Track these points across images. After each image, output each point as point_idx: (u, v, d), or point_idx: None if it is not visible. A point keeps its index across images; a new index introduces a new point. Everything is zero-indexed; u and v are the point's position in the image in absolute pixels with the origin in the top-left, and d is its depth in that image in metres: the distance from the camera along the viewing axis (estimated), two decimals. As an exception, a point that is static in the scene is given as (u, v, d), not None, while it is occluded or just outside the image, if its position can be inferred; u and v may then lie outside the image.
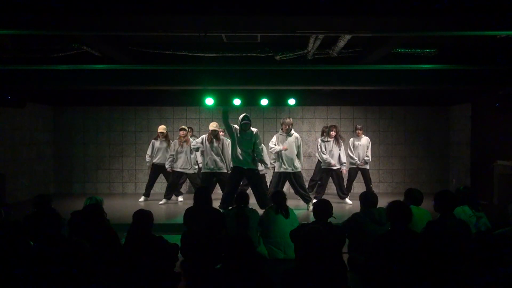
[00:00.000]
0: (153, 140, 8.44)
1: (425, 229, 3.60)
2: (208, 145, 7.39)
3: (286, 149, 7.24)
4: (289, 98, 9.40)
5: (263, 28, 4.85)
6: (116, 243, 3.76)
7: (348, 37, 5.41)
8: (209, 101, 9.35)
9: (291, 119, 7.48)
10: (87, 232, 3.58)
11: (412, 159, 10.01)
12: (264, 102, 9.40)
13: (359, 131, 8.42)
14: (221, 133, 7.93)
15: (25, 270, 2.77)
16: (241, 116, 6.62)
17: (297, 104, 9.60)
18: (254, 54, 6.54)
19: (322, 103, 9.95)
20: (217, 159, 7.34)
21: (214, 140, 7.40)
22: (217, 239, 4.46)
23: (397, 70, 6.96)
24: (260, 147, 6.72)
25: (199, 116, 9.98)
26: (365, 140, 8.41)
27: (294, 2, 4.19)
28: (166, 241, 3.69)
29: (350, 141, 8.42)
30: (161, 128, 8.38)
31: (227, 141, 8.03)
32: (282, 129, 7.41)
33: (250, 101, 9.52)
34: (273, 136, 9.51)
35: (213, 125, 7.45)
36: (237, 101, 9.34)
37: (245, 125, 6.54)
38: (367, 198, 4.34)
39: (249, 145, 6.61)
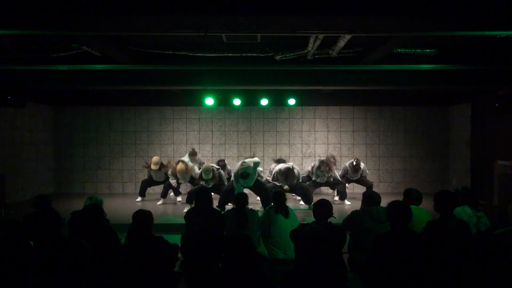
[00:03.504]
0: (148, 169, 8.32)
1: (425, 229, 3.60)
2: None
3: (287, 190, 7.32)
4: (289, 98, 9.42)
5: (263, 28, 4.84)
6: (116, 243, 3.76)
7: (348, 37, 5.41)
8: (209, 101, 9.37)
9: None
10: (87, 232, 3.58)
11: (412, 159, 10.01)
12: (264, 102, 9.42)
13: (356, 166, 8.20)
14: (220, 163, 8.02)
15: (25, 270, 2.77)
16: (242, 169, 6.71)
17: (297, 104, 9.61)
18: (254, 54, 6.54)
19: (322, 103, 9.94)
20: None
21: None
22: (217, 239, 4.46)
23: (397, 70, 6.96)
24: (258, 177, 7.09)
25: (199, 116, 9.97)
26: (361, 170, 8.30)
27: (294, 2, 4.19)
28: (166, 241, 3.68)
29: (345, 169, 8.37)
30: (154, 164, 8.08)
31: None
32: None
33: (250, 101, 9.53)
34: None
35: (205, 173, 6.99)
36: (237, 101, 9.36)
37: (243, 176, 6.68)
38: (372, 197, 4.34)
39: (250, 182, 6.86)
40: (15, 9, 4.10)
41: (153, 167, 8.11)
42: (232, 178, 7.01)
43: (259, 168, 7.89)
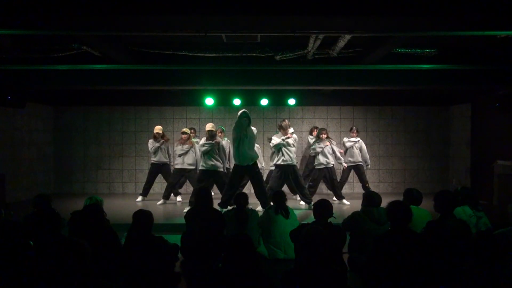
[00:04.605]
0: (151, 140, 8.38)
1: (425, 229, 3.60)
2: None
3: (289, 137, 7.22)
4: (289, 98, 9.42)
5: (263, 28, 4.85)
6: (116, 243, 3.76)
7: (348, 37, 5.41)
8: (209, 101, 9.37)
9: (287, 121, 7.42)
10: (87, 232, 3.58)
11: (412, 159, 10.01)
12: (264, 102, 9.42)
13: (353, 133, 8.37)
14: (219, 133, 7.92)
15: (25, 270, 2.77)
16: (240, 112, 6.64)
17: (297, 104, 9.62)
18: (254, 54, 6.55)
19: (322, 103, 9.94)
20: (214, 157, 7.26)
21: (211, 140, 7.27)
22: (217, 239, 4.47)
23: (397, 70, 6.96)
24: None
25: (199, 116, 9.97)
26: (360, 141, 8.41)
27: (294, 2, 4.19)
28: (166, 241, 3.68)
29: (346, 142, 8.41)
30: (157, 129, 8.30)
31: (226, 142, 8.07)
32: (281, 133, 7.34)
33: (250, 101, 9.53)
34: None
35: (209, 126, 7.33)
36: (237, 101, 9.36)
37: (244, 121, 6.57)
38: (372, 198, 4.34)
39: (251, 142, 6.69)
40: (15, 9, 4.10)
41: (156, 130, 8.20)
42: (233, 135, 6.93)
43: (258, 148, 7.86)
